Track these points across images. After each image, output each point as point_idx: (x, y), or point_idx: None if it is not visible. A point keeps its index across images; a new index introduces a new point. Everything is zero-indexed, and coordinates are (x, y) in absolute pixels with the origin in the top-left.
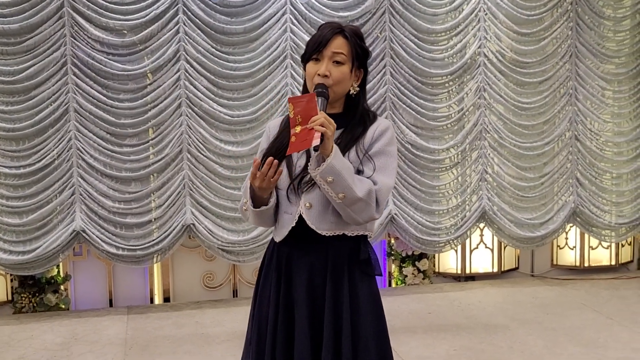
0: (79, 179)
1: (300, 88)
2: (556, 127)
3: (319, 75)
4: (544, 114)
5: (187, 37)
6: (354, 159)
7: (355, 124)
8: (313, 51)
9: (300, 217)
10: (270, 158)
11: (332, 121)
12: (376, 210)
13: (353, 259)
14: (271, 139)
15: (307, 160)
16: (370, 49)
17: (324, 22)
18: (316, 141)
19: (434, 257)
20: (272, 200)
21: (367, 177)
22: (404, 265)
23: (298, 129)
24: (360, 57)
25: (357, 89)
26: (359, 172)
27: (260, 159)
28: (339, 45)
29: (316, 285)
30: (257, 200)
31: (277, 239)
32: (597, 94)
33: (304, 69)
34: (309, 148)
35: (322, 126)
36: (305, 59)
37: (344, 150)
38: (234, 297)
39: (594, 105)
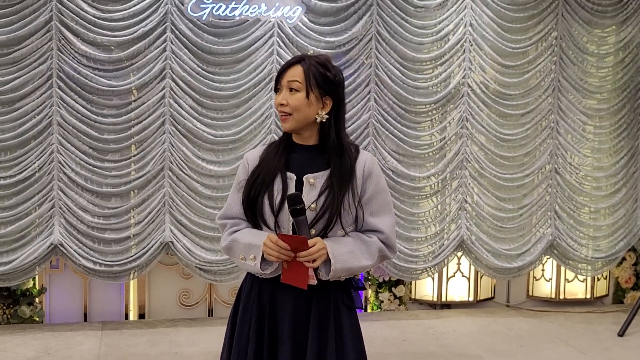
0: (59, 192)
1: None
2: (536, 159)
3: (279, 104)
4: (525, 146)
5: (173, 56)
6: (350, 204)
7: (340, 164)
8: (275, 82)
9: None
10: (286, 246)
11: (323, 244)
12: (390, 252)
13: (338, 289)
14: (250, 171)
15: (284, 192)
16: (355, 75)
17: None
18: (313, 281)
19: (411, 284)
20: (276, 264)
21: (370, 225)
22: (380, 290)
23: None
24: (321, 84)
25: (326, 116)
26: (356, 218)
27: (240, 190)
28: (294, 74)
29: (300, 317)
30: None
31: (264, 275)
32: (578, 128)
33: None
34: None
35: (314, 260)
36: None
37: (339, 194)
38: (209, 316)
39: (575, 140)
